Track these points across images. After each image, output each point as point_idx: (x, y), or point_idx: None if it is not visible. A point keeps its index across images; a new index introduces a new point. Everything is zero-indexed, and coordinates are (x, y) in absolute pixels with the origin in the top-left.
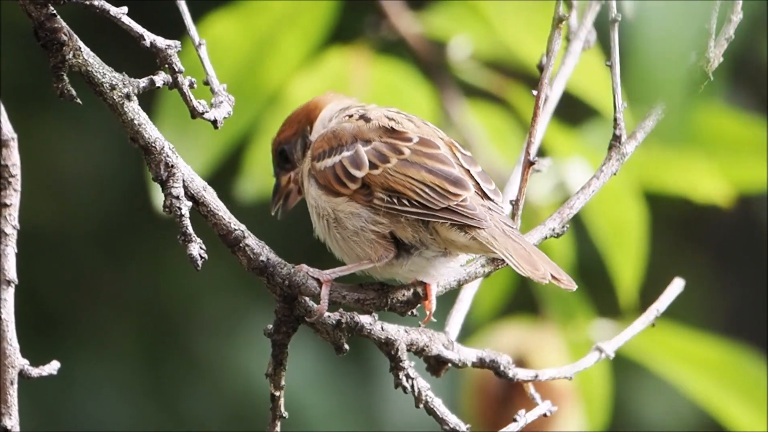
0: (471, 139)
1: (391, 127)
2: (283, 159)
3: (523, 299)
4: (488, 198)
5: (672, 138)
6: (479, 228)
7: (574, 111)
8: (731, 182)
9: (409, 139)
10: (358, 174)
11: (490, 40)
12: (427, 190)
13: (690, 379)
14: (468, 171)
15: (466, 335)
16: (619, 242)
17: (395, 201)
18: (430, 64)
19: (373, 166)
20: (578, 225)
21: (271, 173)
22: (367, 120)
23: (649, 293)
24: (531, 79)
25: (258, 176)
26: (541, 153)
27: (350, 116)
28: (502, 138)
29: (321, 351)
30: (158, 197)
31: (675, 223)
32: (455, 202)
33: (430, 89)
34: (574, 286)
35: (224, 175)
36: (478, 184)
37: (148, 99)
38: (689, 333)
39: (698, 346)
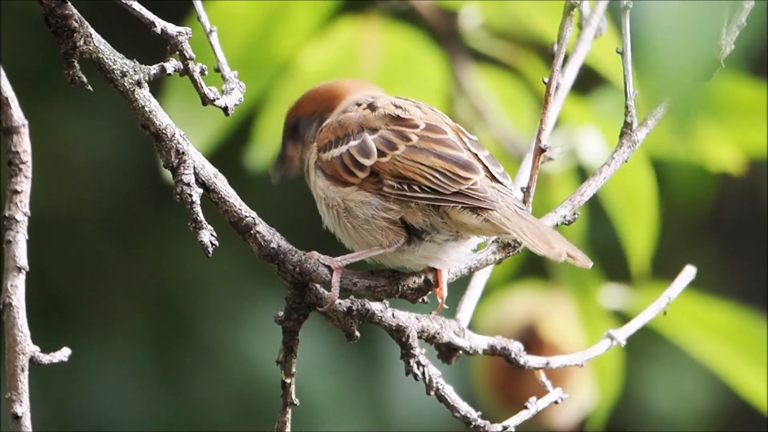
0: (483, 107)
1: (397, 115)
2: (296, 132)
3: (534, 264)
4: (497, 181)
5: (684, 121)
6: (491, 209)
7: (588, 78)
8: (741, 147)
9: (416, 126)
10: (367, 162)
11: (501, 9)
12: (437, 175)
13: (704, 346)
14: (476, 155)
15: (477, 301)
16: (630, 209)
17: (405, 187)
18: (442, 33)
19: (381, 153)
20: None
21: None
22: (374, 108)
23: (659, 270)
24: (543, 49)
25: (268, 145)
26: (555, 122)
27: (358, 105)
28: (515, 106)
29: (327, 338)
30: (168, 174)
31: (685, 207)
32: (466, 186)
33: (442, 58)
34: (590, 264)
35: (234, 144)
36: (486, 167)
37: (155, 85)
38: (704, 299)
39: (713, 312)
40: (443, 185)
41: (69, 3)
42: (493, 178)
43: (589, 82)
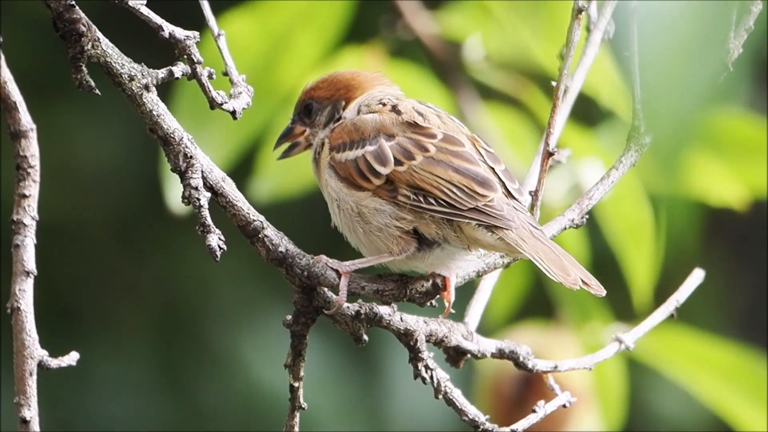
0: (487, 140)
1: (415, 122)
2: (306, 113)
3: (537, 301)
4: (512, 197)
5: (664, 176)
6: (506, 229)
7: (588, 113)
8: (745, 185)
9: (434, 136)
10: (383, 171)
11: (505, 41)
12: (454, 189)
13: (702, 383)
14: (492, 169)
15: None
16: (632, 243)
17: (421, 199)
18: (446, 64)
19: (398, 162)
20: (592, 225)
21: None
22: (398, 112)
23: (666, 289)
24: (546, 80)
25: (273, 175)
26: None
27: (383, 104)
28: (518, 140)
29: (327, 346)
30: (172, 196)
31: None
32: (483, 203)
33: (446, 90)
34: (604, 292)
35: (239, 174)
36: (502, 183)
37: (162, 92)
38: (702, 336)
39: (710, 349)
40: (460, 201)
41: (77, 7)
42: (509, 194)
43: (591, 116)
